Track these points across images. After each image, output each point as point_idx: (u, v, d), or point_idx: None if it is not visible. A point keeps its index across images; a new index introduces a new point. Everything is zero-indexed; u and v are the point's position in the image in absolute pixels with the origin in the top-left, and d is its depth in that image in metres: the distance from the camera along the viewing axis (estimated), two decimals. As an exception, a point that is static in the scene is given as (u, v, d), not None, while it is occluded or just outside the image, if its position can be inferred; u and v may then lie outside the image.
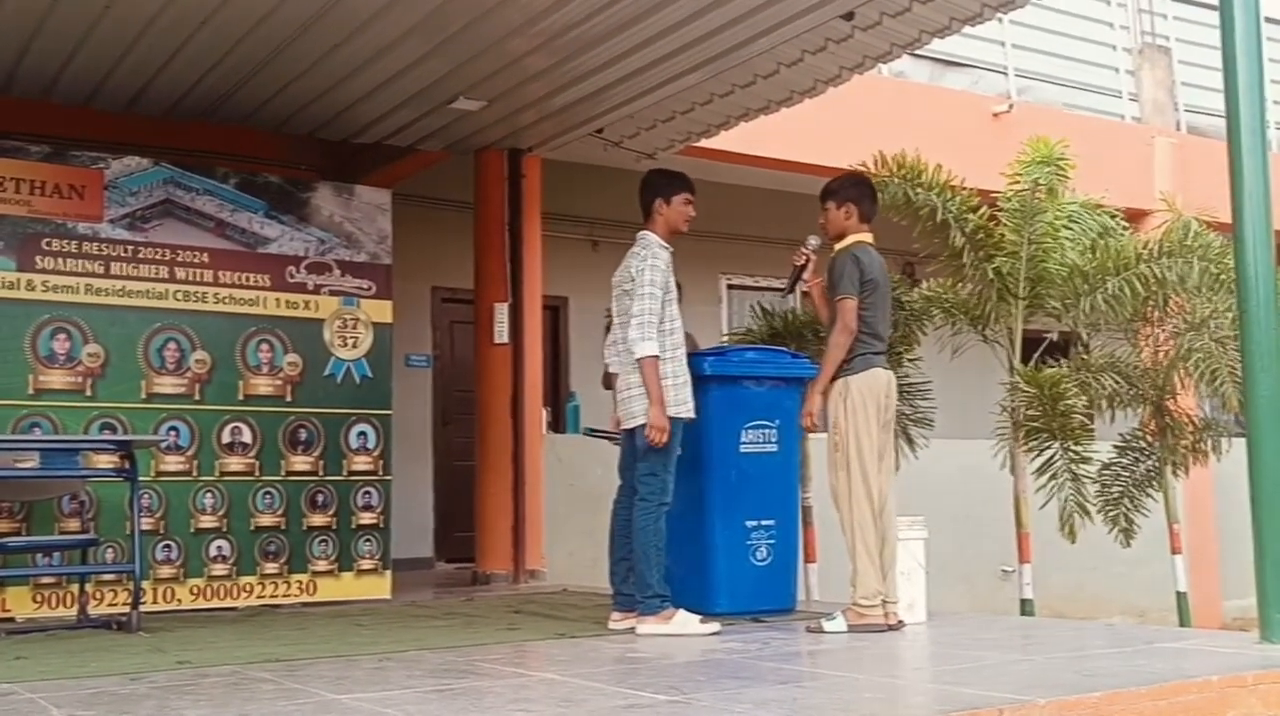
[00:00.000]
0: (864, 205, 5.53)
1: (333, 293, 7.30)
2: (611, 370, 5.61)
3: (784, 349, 6.78)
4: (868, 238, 5.49)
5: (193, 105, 7.60)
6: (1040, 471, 7.80)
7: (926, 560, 5.66)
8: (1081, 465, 7.78)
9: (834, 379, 5.34)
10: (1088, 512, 7.89)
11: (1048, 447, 7.78)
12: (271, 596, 6.99)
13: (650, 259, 5.38)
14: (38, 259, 6.48)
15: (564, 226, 10.21)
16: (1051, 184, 7.88)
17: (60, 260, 6.55)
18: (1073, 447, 7.72)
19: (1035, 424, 7.67)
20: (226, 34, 6.48)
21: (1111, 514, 8.32)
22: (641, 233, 5.54)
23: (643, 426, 5.34)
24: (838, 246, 5.47)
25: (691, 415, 5.46)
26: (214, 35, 6.48)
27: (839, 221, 5.50)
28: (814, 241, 5.64)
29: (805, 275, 5.65)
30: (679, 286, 5.69)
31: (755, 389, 6.01)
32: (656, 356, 5.31)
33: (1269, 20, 5.77)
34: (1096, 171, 8.59)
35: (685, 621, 5.24)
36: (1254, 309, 4.69)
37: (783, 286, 5.96)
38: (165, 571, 6.71)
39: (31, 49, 6.66)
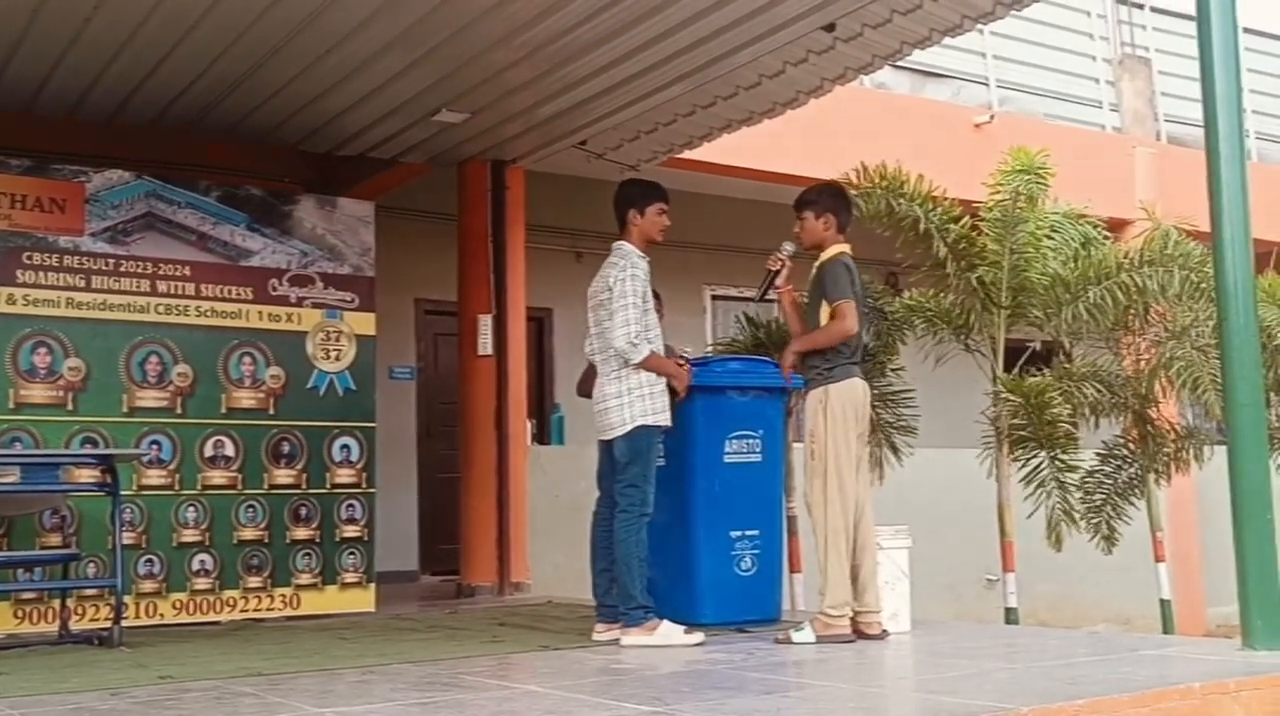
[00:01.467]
0: (841, 215, 5.53)
1: (315, 305, 7.29)
2: (597, 358, 5.57)
3: (768, 359, 6.79)
4: (847, 248, 5.50)
5: (175, 118, 7.59)
6: (1026, 480, 7.83)
7: (910, 569, 5.67)
8: (1068, 473, 7.81)
9: (814, 387, 5.34)
10: (1074, 521, 7.91)
11: (1034, 456, 7.81)
12: (255, 610, 6.95)
13: (630, 269, 5.40)
14: (18, 273, 6.46)
15: (547, 238, 10.21)
16: (1032, 192, 7.92)
17: (41, 274, 6.52)
18: (1059, 456, 7.75)
19: (1022, 433, 7.69)
20: (209, 46, 6.47)
21: (1094, 521, 8.35)
22: (618, 243, 5.55)
23: (621, 437, 5.35)
24: (823, 256, 5.46)
25: (668, 423, 5.46)
26: (196, 47, 6.48)
27: (817, 231, 5.49)
28: (789, 248, 5.63)
29: (778, 282, 5.64)
30: (658, 296, 5.70)
31: (739, 399, 6.01)
32: (653, 352, 5.35)
33: (1247, 31, 5.81)
34: (1077, 181, 8.65)
35: (669, 632, 5.24)
36: (1234, 317, 4.72)
37: (755, 294, 5.96)
38: (147, 586, 6.68)
39: (13, 61, 6.65)
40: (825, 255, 5.45)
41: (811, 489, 5.31)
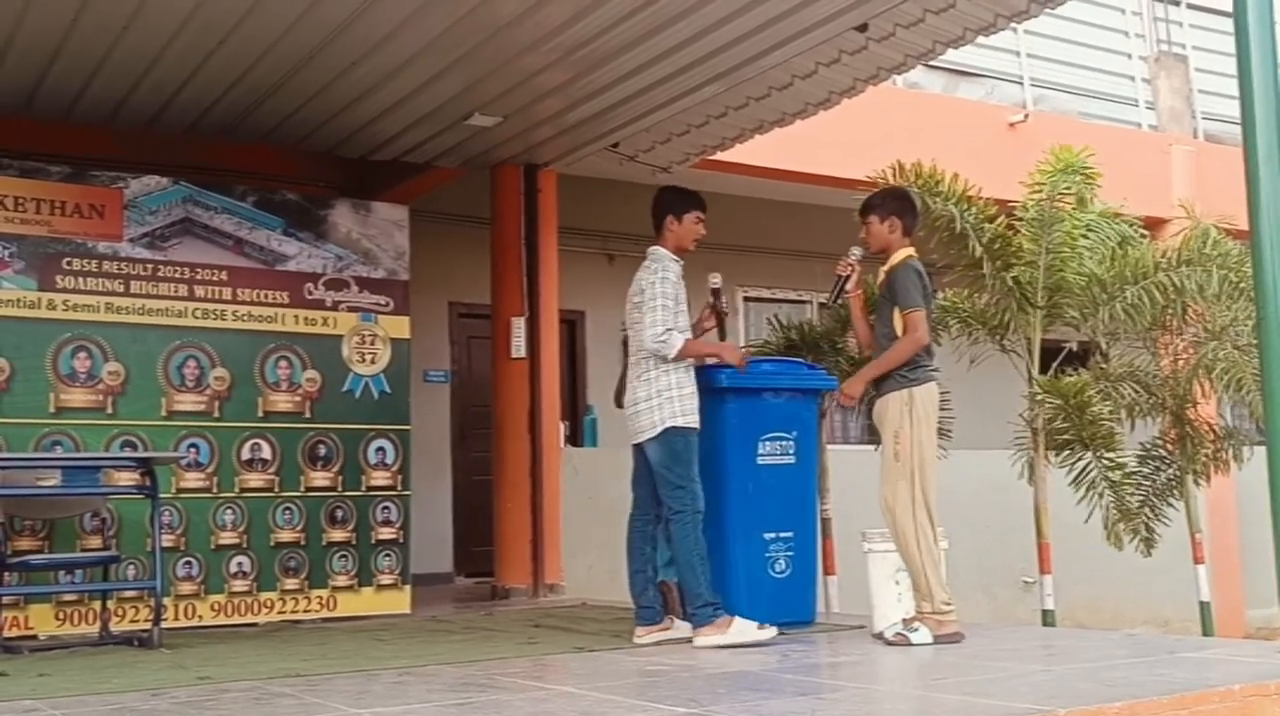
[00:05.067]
0: (907, 218, 5.47)
1: (351, 309, 7.34)
2: (630, 361, 5.59)
3: (801, 360, 6.78)
4: (914, 251, 5.44)
5: (211, 124, 7.66)
6: (1076, 482, 7.75)
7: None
8: (1115, 471, 7.74)
9: (896, 390, 5.25)
10: (1131, 519, 7.85)
11: (1080, 458, 7.74)
12: (292, 612, 7.01)
13: (661, 272, 5.42)
14: (58, 278, 6.54)
15: (580, 240, 10.23)
16: (1080, 193, 7.88)
17: (80, 279, 6.60)
18: (1106, 455, 7.69)
19: (1065, 436, 7.63)
20: (244, 54, 6.53)
21: (1133, 523, 8.28)
22: (652, 248, 5.58)
23: (652, 440, 5.34)
24: (891, 261, 5.39)
25: (696, 426, 5.42)
26: (231, 55, 6.53)
27: (883, 235, 5.43)
28: (857, 252, 5.56)
29: (848, 286, 5.57)
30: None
31: (772, 400, 5.99)
32: (686, 338, 5.35)
33: (1284, 26, 5.73)
34: (1114, 180, 8.58)
35: (742, 628, 5.18)
36: (1272, 316, 4.67)
37: (825, 298, 5.94)
38: (186, 588, 6.74)
39: (52, 70, 6.73)
40: (894, 259, 5.38)
41: (895, 491, 5.19)
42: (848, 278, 5.55)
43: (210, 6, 5.92)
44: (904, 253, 5.40)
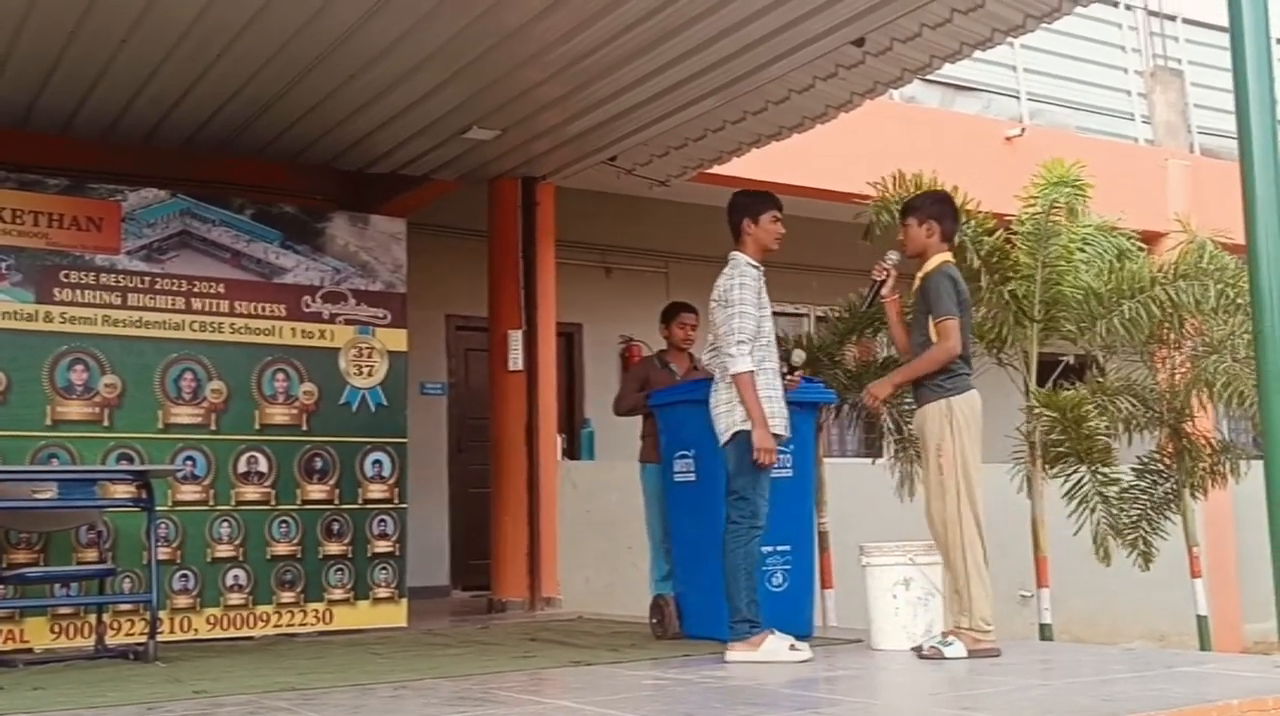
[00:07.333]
0: (946, 223, 5.38)
1: (348, 321, 7.34)
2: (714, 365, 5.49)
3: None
4: (951, 257, 5.38)
5: (209, 137, 7.67)
6: (1069, 495, 7.75)
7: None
8: (1109, 487, 7.74)
9: (932, 400, 5.18)
10: (1120, 535, 7.84)
11: (1074, 472, 7.73)
12: (288, 625, 6.99)
13: (739, 277, 5.33)
14: (55, 291, 6.54)
15: (578, 253, 10.22)
16: (1072, 204, 7.90)
17: (78, 292, 6.60)
18: (1100, 470, 7.68)
19: (1061, 448, 7.63)
20: (242, 67, 6.54)
21: (1130, 537, 8.27)
22: (732, 253, 5.48)
23: (725, 444, 5.25)
24: (927, 266, 5.31)
25: (783, 432, 5.30)
26: (229, 69, 6.55)
27: (920, 239, 5.34)
28: (893, 256, 5.49)
29: (884, 291, 5.51)
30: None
31: (770, 414, 5.96)
32: (751, 372, 5.19)
33: (1279, 41, 5.76)
34: (1110, 194, 8.60)
35: (774, 648, 5.10)
36: (1268, 329, 4.68)
37: (860, 299, 5.91)
38: (182, 601, 6.73)
39: (50, 83, 6.74)
40: (928, 266, 5.30)
41: (945, 506, 5.10)
42: (883, 282, 5.48)
43: (209, 19, 5.93)
44: (939, 258, 5.31)
